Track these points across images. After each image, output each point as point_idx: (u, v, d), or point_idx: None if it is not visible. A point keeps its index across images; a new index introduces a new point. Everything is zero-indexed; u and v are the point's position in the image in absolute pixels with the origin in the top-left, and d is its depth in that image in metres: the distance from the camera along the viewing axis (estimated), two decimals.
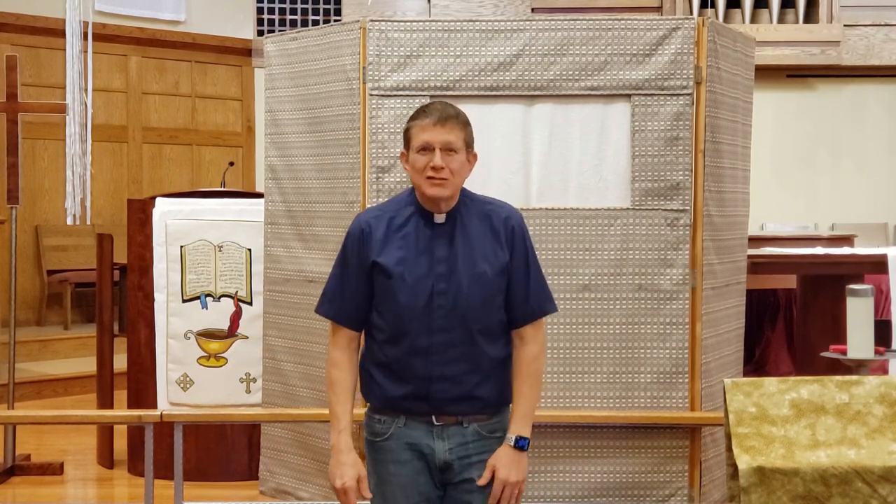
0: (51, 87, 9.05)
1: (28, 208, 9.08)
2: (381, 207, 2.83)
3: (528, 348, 2.76)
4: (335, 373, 2.79)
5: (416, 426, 2.74)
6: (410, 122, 2.74)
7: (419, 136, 2.69)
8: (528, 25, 4.39)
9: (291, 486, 4.79)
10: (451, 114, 2.70)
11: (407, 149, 2.74)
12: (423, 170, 2.67)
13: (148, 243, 5.27)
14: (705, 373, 4.42)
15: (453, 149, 2.68)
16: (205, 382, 5.21)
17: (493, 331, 2.74)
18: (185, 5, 10.26)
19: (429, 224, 2.72)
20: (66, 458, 5.74)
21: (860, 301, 3.76)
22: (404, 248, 2.70)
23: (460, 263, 2.70)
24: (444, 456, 2.74)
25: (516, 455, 2.72)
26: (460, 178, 2.71)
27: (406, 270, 2.69)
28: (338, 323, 2.80)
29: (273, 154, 4.84)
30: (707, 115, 4.38)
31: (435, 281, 2.69)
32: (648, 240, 4.37)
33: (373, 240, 2.72)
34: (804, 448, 2.90)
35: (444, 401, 2.71)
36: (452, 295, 2.68)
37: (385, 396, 2.77)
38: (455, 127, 2.68)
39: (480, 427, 2.76)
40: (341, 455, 2.73)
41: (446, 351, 2.69)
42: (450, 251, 2.71)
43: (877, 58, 10.30)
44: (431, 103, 2.78)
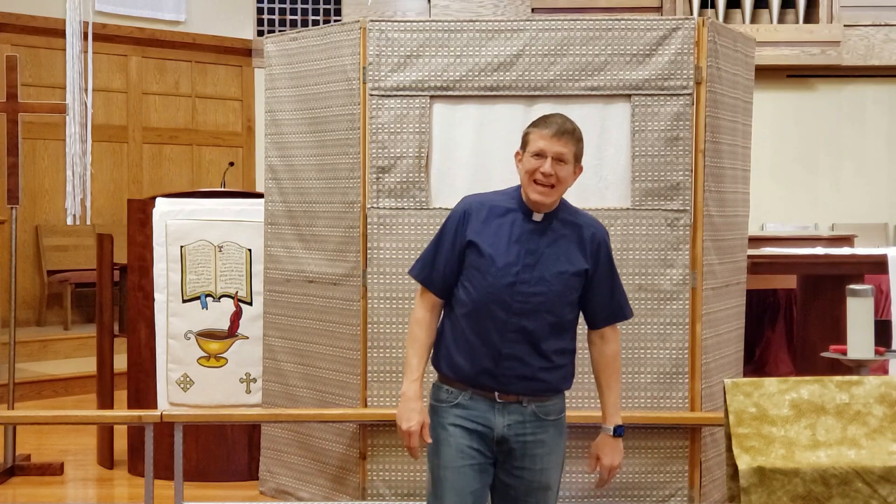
0: (51, 87, 9.05)
1: (28, 208, 9.08)
2: (486, 195, 3.12)
3: (611, 346, 3.12)
4: (417, 330, 3.05)
5: (480, 400, 2.98)
6: (531, 128, 3.00)
7: (536, 143, 2.96)
8: (528, 25, 4.39)
9: (291, 486, 4.79)
10: (568, 129, 2.97)
11: (523, 150, 3.01)
12: (533, 172, 2.94)
13: (148, 243, 5.27)
14: (705, 373, 4.42)
15: (563, 160, 2.95)
16: (205, 383, 5.22)
17: (563, 324, 3.00)
18: (185, 5, 10.26)
19: (527, 219, 2.99)
20: (66, 458, 5.73)
21: (860, 301, 3.76)
22: (500, 234, 2.97)
23: (545, 259, 2.97)
24: (501, 430, 2.97)
25: (615, 442, 3.10)
26: (564, 187, 2.99)
27: (497, 254, 2.95)
28: (426, 287, 3.06)
29: (273, 154, 4.84)
30: (707, 115, 4.38)
31: (521, 269, 2.95)
32: (648, 240, 4.37)
33: (472, 221, 3.00)
34: (804, 448, 2.90)
35: (510, 378, 2.95)
36: (534, 284, 2.94)
37: (455, 366, 3.00)
38: (570, 141, 2.96)
39: (538, 409, 3.00)
40: (410, 402, 2.99)
41: (519, 333, 2.94)
42: (539, 247, 2.97)
43: (877, 58, 10.30)
44: (554, 115, 3.02)
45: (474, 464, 2.97)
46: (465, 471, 2.96)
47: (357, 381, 4.44)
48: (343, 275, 4.49)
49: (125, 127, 9.99)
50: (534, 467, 3.00)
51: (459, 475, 2.96)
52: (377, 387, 4.40)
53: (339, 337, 4.52)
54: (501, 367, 2.94)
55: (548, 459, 3.02)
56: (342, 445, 4.54)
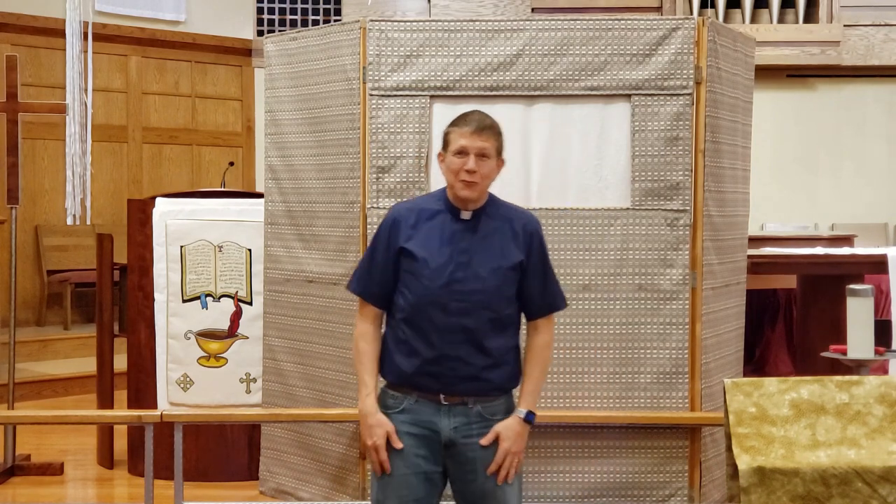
0: (51, 87, 9.05)
1: (28, 208, 9.08)
2: (414, 201, 3.16)
3: (542, 337, 3.07)
4: (362, 344, 3.06)
5: (426, 404, 2.98)
6: (451, 128, 3.03)
7: (457, 141, 2.98)
8: (528, 25, 4.39)
9: (291, 486, 4.79)
10: (487, 124, 3.00)
11: (445, 150, 3.03)
12: (458, 172, 2.97)
13: (148, 243, 5.27)
14: (705, 373, 4.42)
15: (486, 155, 2.97)
16: (205, 382, 5.22)
17: (503, 320, 2.99)
18: (185, 5, 10.26)
19: (455, 219, 3.01)
20: (66, 458, 5.73)
21: (860, 301, 3.76)
22: (431, 237, 2.99)
23: (479, 256, 2.98)
24: (448, 433, 2.97)
25: (521, 427, 2.99)
26: (488, 182, 3.02)
27: (429, 256, 2.97)
28: (365, 300, 3.08)
29: (273, 154, 4.84)
30: (707, 115, 4.38)
31: (455, 269, 2.96)
32: (648, 240, 4.37)
33: (402, 228, 3.01)
34: (804, 448, 2.90)
35: (454, 379, 2.95)
36: (469, 282, 2.95)
37: (399, 372, 3.01)
38: (490, 136, 2.99)
39: (484, 409, 2.99)
40: (368, 417, 3.00)
41: (459, 332, 2.94)
42: (471, 244, 2.99)
43: (877, 58, 10.30)
44: (472, 112, 3.05)
45: (419, 472, 2.97)
46: (409, 478, 2.96)
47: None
48: (343, 275, 4.49)
49: (125, 127, 9.99)
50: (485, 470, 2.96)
51: (403, 483, 2.96)
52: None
53: (339, 337, 4.52)
54: (444, 368, 2.94)
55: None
56: (342, 445, 4.54)
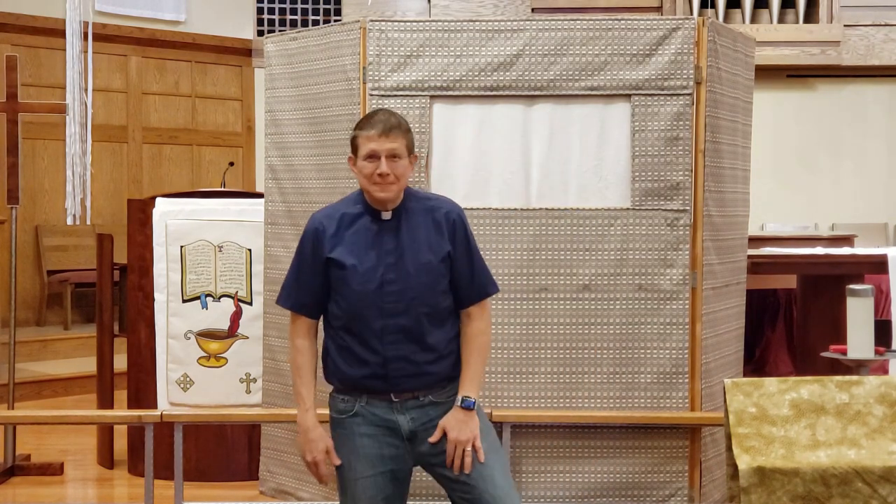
0: (51, 87, 9.05)
1: (28, 208, 9.08)
2: (333, 207, 3.09)
3: (475, 324, 3.03)
4: (298, 358, 3.05)
5: (378, 403, 2.98)
6: (356, 132, 3.00)
7: (366, 146, 2.94)
8: (528, 25, 4.39)
9: (291, 486, 4.79)
10: (393, 123, 2.96)
11: (354, 155, 2.99)
12: (371, 176, 2.94)
13: (148, 243, 5.27)
14: (705, 373, 4.42)
15: (397, 155, 2.94)
16: (205, 382, 5.22)
17: (440, 313, 2.99)
18: (185, 5, 10.26)
19: (376, 221, 2.99)
20: (66, 458, 5.73)
21: (860, 301, 3.76)
22: (355, 242, 2.97)
23: (406, 254, 2.96)
24: (407, 426, 2.98)
25: (464, 414, 2.96)
26: (404, 180, 2.99)
27: (357, 262, 2.94)
28: (296, 313, 3.07)
29: (273, 154, 4.84)
30: (707, 115, 4.38)
31: (384, 270, 2.94)
32: (648, 240, 4.37)
33: (326, 237, 2.98)
34: (804, 448, 2.90)
35: (400, 378, 2.95)
36: (401, 282, 2.94)
37: (345, 378, 3.00)
38: (398, 136, 2.95)
39: (436, 396, 3.00)
40: (309, 432, 3.01)
41: (398, 333, 2.94)
42: (396, 244, 2.96)
43: (877, 58, 10.30)
44: (376, 112, 3.01)
45: (385, 471, 2.97)
46: (376, 479, 2.96)
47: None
48: None
49: (125, 127, 9.99)
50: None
51: (370, 484, 2.96)
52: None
53: None
54: (389, 369, 2.93)
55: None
56: None
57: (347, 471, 2.99)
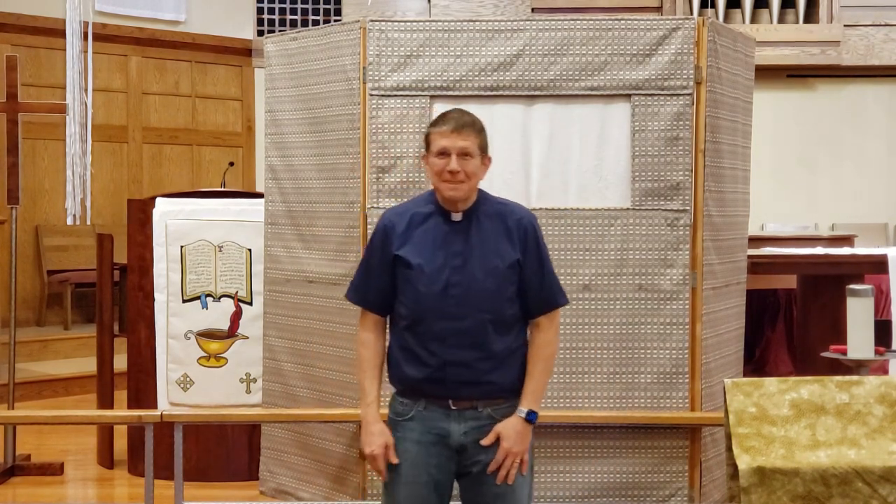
0: (51, 87, 9.05)
1: (28, 208, 9.07)
2: (404, 206, 3.08)
3: (542, 335, 2.98)
4: (363, 351, 3.02)
5: (435, 410, 2.93)
6: (430, 129, 2.99)
7: (438, 142, 2.93)
8: (528, 25, 4.39)
9: (291, 486, 4.79)
10: (467, 121, 2.95)
11: (427, 152, 2.98)
12: (441, 173, 2.91)
13: (148, 243, 5.27)
14: (705, 373, 4.42)
15: (469, 153, 2.92)
16: (205, 382, 5.22)
17: (505, 321, 2.93)
18: (185, 5, 10.26)
19: (447, 221, 2.95)
20: (66, 458, 5.73)
21: (860, 301, 3.76)
22: (423, 242, 2.94)
23: (474, 257, 2.92)
24: (459, 438, 2.92)
25: (524, 427, 2.92)
26: (475, 181, 2.96)
27: (424, 262, 2.91)
28: (365, 308, 3.03)
29: (273, 154, 4.84)
30: (707, 115, 4.38)
31: (450, 273, 2.90)
32: (648, 240, 4.37)
33: (395, 235, 2.96)
34: (804, 448, 2.90)
35: (458, 384, 2.90)
36: (465, 285, 2.90)
37: (405, 379, 2.97)
38: (471, 134, 2.93)
39: (494, 412, 2.93)
40: (370, 426, 2.95)
41: (460, 337, 2.89)
42: (465, 246, 2.93)
43: (877, 58, 10.30)
44: (450, 111, 3.00)
45: (430, 480, 2.93)
46: (419, 487, 2.93)
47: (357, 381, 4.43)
48: (343, 275, 4.49)
49: (125, 127, 9.99)
50: (496, 472, 2.92)
51: (414, 490, 2.93)
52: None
53: (339, 337, 4.52)
54: (448, 374, 2.89)
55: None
56: (342, 445, 4.54)
57: (393, 474, 2.96)
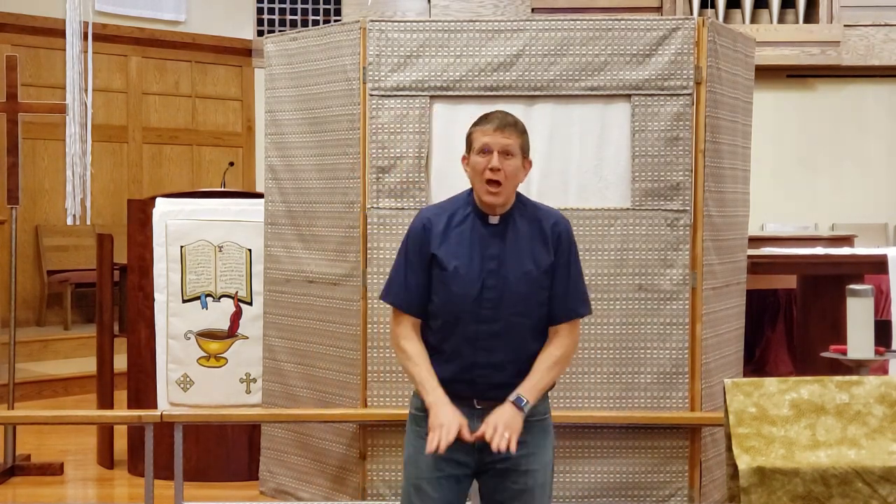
0: (51, 87, 9.05)
1: (28, 208, 9.07)
2: (441, 205, 3.05)
3: (560, 340, 2.94)
4: (407, 345, 2.95)
5: (459, 408, 2.88)
6: (473, 128, 2.95)
7: (480, 140, 2.90)
8: (528, 25, 4.39)
9: (291, 486, 4.79)
10: (510, 122, 2.92)
11: (468, 152, 2.94)
12: (482, 172, 2.88)
13: (148, 243, 5.27)
14: (705, 373, 4.42)
15: (510, 152, 2.89)
16: (205, 383, 5.22)
17: (536, 325, 2.93)
18: (185, 5, 10.26)
19: (484, 224, 2.93)
20: (66, 458, 5.73)
21: (860, 301, 3.76)
22: (460, 244, 2.91)
23: (509, 261, 2.90)
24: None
25: (511, 410, 2.84)
26: (514, 182, 2.92)
27: (460, 264, 2.90)
28: (402, 311, 2.98)
29: (273, 154, 4.84)
30: (707, 115, 4.38)
31: (486, 276, 2.89)
32: (648, 240, 4.37)
33: (432, 235, 2.94)
34: (804, 448, 2.90)
35: (486, 386, 2.89)
36: (500, 289, 2.88)
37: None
38: (513, 133, 2.90)
39: None
40: (443, 407, 2.83)
41: (491, 340, 2.88)
42: (501, 250, 2.91)
43: (877, 58, 10.30)
44: (494, 111, 2.97)
45: (451, 475, 2.92)
46: (441, 482, 2.92)
47: (357, 381, 4.45)
48: (343, 275, 4.49)
49: (125, 127, 9.99)
50: (518, 469, 2.92)
51: (436, 486, 2.92)
52: (377, 387, 4.40)
53: (339, 337, 4.52)
54: (477, 375, 2.89)
55: (532, 461, 2.93)
56: (342, 445, 4.54)
57: (413, 468, 2.96)
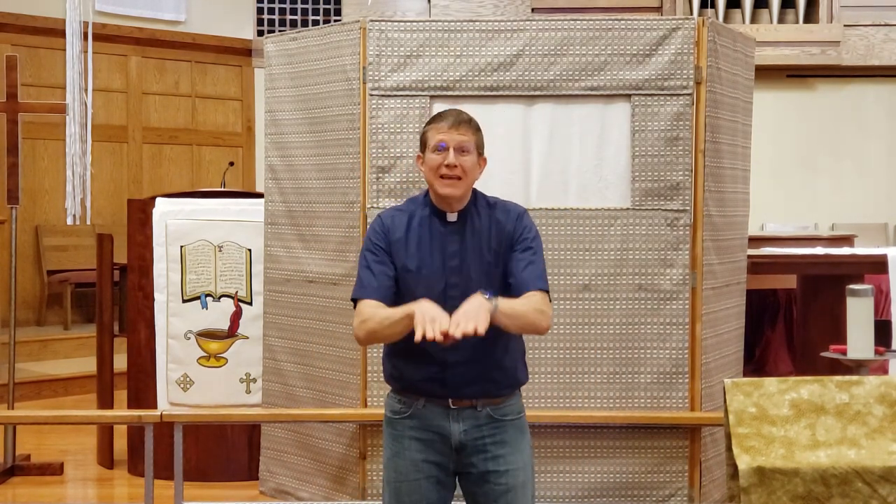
0: (51, 87, 9.05)
1: (28, 208, 9.08)
2: (398, 208, 3.04)
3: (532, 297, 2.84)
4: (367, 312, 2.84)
5: (434, 409, 2.92)
6: (427, 127, 2.98)
7: (435, 137, 2.92)
8: (528, 25, 4.39)
9: (291, 486, 4.79)
10: (464, 119, 2.95)
11: (423, 151, 2.96)
12: (438, 168, 2.89)
13: (148, 243, 5.27)
14: (705, 373, 4.42)
15: (466, 149, 2.91)
16: (205, 382, 5.22)
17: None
18: (185, 5, 10.26)
19: (442, 222, 2.94)
20: (66, 458, 5.73)
21: (860, 301, 3.76)
22: (420, 245, 2.92)
23: (470, 257, 2.91)
24: (459, 437, 2.92)
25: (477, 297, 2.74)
26: (471, 178, 2.94)
27: (421, 264, 2.90)
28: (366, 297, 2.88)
29: (273, 154, 4.84)
30: (707, 115, 4.38)
31: (448, 274, 2.90)
32: (648, 240, 4.37)
33: (392, 237, 2.94)
34: (804, 448, 2.90)
35: (459, 384, 2.90)
36: (463, 286, 2.87)
37: (405, 379, 2.96)
38: (468, 131, 2.93)
39: (493, 411, 2.94)
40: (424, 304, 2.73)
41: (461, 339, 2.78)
42: (461, 246, 2.92)
43: (877, 58, 10.30)
44: (448, 110, 3.00)
45: (430, 476, 2.92)
46: (421, 484, 2.92)
47: (357, 381, 4.45)
48: (343, 275, 4.49)
49: (125, 127, 9.99)
50: (498, 469, 2.92)
51: (415, 488, 2.92)
52: (377, 387, 4.40)
53: (339, 337, 4.52)
54: (449, 374, 2.88)
55: (512, 460, 2.94)
56: (342, 445, 4.54)
57: (392, 472, 2.96)
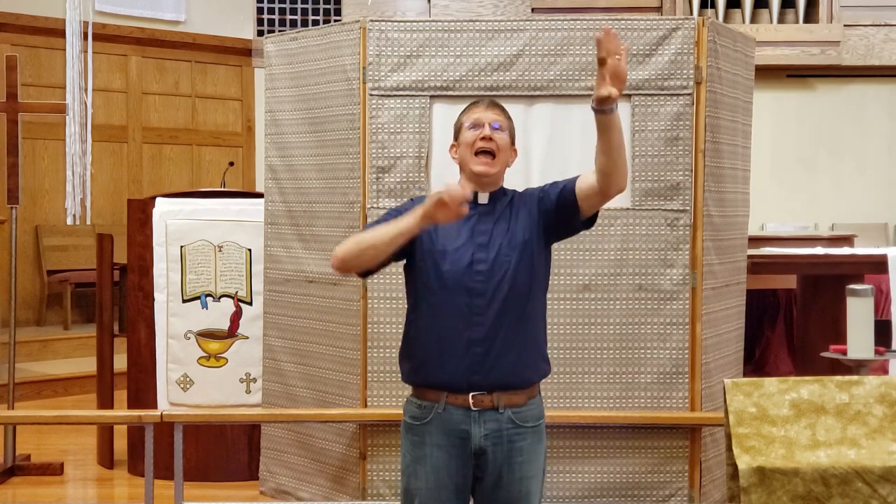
0: (51, 87, 9.05)
1: (28, 208, 9.08)
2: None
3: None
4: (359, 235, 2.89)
5: (455, 411, 2.88)
6: (461, 114, 3.01)
7: (471, 116, 2.96)
8: (528, 25, 4.39)
9: (291, 486, 4.79)
10: (498, 105, 3.00)
11: (457, 138, 2.99)
12: (473, 143, 2.92)
13: (148, 243, 5.27)
14: (705, 373, 4.42)
15: (501, 127, 2.94)
16: (205, 382, 5.22)
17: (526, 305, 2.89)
18: (185, 5, 10.26)
19: (474, 205, 2.91)
20: (66, 458, 5.73)
21: (860, 301, 3.76)
22: (449, 227, 2.87)
23: (498, 235, 2.91)
24: (479, 442, 2.88)
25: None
26: (504, 159, 2.96)
27: (447, 240, 2.90)
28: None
29: (273, 154, 4.84)
30: (707, 115, 4.38)
31: (475, 249, 2.89)
32: (648, 240, 4.37)
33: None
34: (804, 448, 2.90)
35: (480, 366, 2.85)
36: (490, 261, 2.87)
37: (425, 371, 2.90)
38: (502, 114, 2.98)
39: (514, 415, 2.90)
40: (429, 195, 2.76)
41: (483, 313, 2.85)
42: (490, 225, 2.92)
43: (877, 58, 10.29)
44: (480, 98, 3.06)
45: (450, 484, 2.90)
46: (440, 492, 2.90)
47: (357, 381, 4.45)
48: (343, 275, 4.49)
49: (125, 127, 9.99)
50: (512, 476, 2.91)
51: (434, 496, 2.91)
52: (377, 387, 4.40)
53: (339, 337, 4.52)
54: (471, 353, 2.85)
55: (526, 468, 2.92)
56: (342, 445, 4.54)
57: (412, 479, 2.93)
